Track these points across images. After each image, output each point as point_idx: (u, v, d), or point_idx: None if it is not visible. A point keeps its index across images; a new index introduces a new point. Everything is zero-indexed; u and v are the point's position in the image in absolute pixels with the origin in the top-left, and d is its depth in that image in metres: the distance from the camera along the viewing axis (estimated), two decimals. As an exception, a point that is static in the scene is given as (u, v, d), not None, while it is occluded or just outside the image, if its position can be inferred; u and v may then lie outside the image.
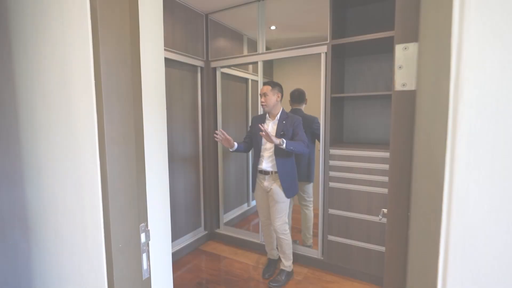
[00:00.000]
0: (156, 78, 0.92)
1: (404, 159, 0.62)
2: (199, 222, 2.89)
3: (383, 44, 2.15)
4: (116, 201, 0.76)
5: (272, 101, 2.10)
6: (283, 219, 2.16)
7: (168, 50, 2.32)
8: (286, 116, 2.14)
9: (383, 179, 2.01)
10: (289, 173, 2.14)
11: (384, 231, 2.01)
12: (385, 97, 2.38)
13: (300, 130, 2.08)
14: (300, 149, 1.99)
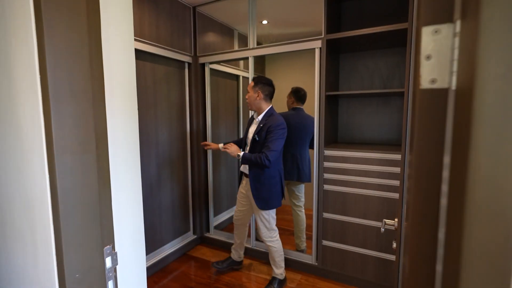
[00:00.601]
0: (124, 72, 0.78)
1: (433, 178, 0.51)
2: (187, 226, 2.75)
3: (380, 40, 2.04)
4: (70, 222, 0.62)
5: (251, 98, 1.97)
6: (267, 226, 2.02)
7: (152, 44, 2.17)
8: (268, 117, 1.94)
9: (380, 182, 1.92)
10: (261, 181, 1.93)
11: (381, 236, 1.95)
12: (381, 96, 2.28)
13: (271, 138, 1.84)
14: (255, 165, 1.86)
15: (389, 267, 1.95)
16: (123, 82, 0.76)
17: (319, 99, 2.10)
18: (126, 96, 0.77)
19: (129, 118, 0.78)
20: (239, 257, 2.36)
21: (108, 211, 0.70)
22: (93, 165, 0.66)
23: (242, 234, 2.28)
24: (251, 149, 1.96)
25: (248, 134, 2.07)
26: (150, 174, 2.27)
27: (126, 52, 0.76)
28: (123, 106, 0.76)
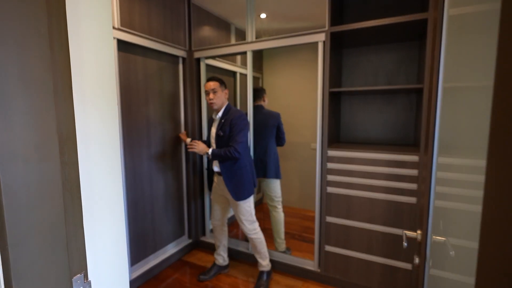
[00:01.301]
0: (100, 60, 0.64)
1: None
2: (182, 230, 2.62)
3: (386, 33, 1.92)
4: (24, 250, 0.48)
5: (221, 98, 1.97)
6: (249, 219, 2.05)
7: (143, 36, 2.01)
8: (227, 113, 1.98)
9: (387, 184, 1.80)
10: (232, 173, 1.96)
11: (388, 242, 1.83)
12: (386, 93, 2.16)
13: (235, 130, 1.89)
14: (225, 156, 1.88)
15: (396, 274, 1.84)
16: (98, 73, 0.62)
17: (322, 96, 1.97)
18: (103, 90, 0.63)
19: (107, 117, 0.64)
20: (224, 261, 2.29)
21: (77, 232, 0.57)
22: (56, 176, 0.52)
23: (223, 236, 2.26)
24: (217, 145, 1.99)
25: (211, 133, 2.08)
26: (142, 176, 2.13)
27: (102, 36, 0.62)
28: (99, 102, 0.63)
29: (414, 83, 2.09)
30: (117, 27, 1.82)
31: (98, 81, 0.62)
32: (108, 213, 0.66)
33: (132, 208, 2.05)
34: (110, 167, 0.66)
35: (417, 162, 1.71)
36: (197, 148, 1.93)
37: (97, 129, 0.63)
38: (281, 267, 2.29)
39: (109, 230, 0.66)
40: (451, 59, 0.73)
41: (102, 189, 0.64)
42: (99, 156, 0.63)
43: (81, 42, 0.58)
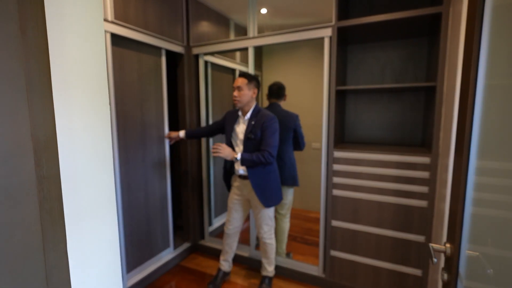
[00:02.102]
0: (87, 50, 0.53)
1: None
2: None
3: (395, 29, 1.83)
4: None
5: (247, 97, 1.83)
6: (269, 224, 1.98)
7: (138, 30, 1.90)
8: (256, 114, 1.85)
9: (397, 187, 1.72)
10: (262, 179, 1.86)
11: (397, 247, 1.75)
12: (393, 91, 2.08)
13: (268, 133, 1.79)
14: (258, 161, 1.77)
15: (405, 281, 1.76)
16: (86, 65, 0.52)
17: (328, 95, 1.88)
18: (92, 85, 0.53)
19: (97, 118, 0.54)
20: (229, 267, 2.18)
21: (60, 261, 0.46)
22: (30, 194, 0.41)
23: (235, 243, 2.14)
24: (245, 148, 1.85)
25: (235, 133, 1.94)
26: (137, 178, 2.02)
27: (91, 20, 0.51)
28: (87, 100, 0.52)
29: (423, 81, 2.01)
30: (110, 20, 1.70)
31: (86, 74, 0.52)
32: (100, 235, 0.56)
33: (127, 213, 1.94)
34: (102, 179, 0.55)
35: (428, 164, 1.63)
36: (223, 153, 1.75)
37: (85, 133, 0.52)
38: (284, 272, 2.20)
39: (101, 256, 0.56)
40: (495, 54, 0.64)
41: (92, 207, 0.54)
42: (88, 167, 0.53)
43: (64, 26, 0.47)
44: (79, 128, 0.51)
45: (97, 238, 0.56)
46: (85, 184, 0.52)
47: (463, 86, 0.75)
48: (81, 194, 0.52)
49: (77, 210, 0.51)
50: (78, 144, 0.51)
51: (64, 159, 0.48)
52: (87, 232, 0.53)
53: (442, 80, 1.55)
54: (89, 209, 0.54)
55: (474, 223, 0.72)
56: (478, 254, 0.72)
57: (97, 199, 0.55)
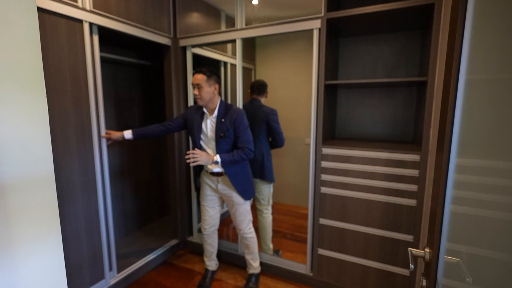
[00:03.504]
0: (14, 30, 0.47)
1: None
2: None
3: (387, 21, 1.77)
4: None
5: (208, 94, 1.76)
6: (248, 218, 1.96)
7: (120, 21, 1.82)
8: (225, 111, 1.79)
9: (386, 185, 1.67)
10: (239, 173, 1.85)
11: (385, 246, 1.70)
12: (385, 86, 2.02)
13: (242, 129, 1.77)
14: (240, 159, 1.75)
15: (393, 280, 1.73)
16: (12, 49, 0.45)
17: (317, 89, 1.82)
18: (23, 77, 0.47)
19: (31, 117, 0.48)
20: (216, 265, 2.17)
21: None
22: None
23: (215, 241, 2.12)
24: (219, 147, 1.79)
25: (203, 133, 1.85)
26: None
27: (19, 5, 0.45)
28: (18, 95, 0.46)
29: (415, 76, 1.95)
30: (89, 9, 1.63)
31: (16, 59, 0.45)
32: (37, 233, 0.50)
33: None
34: (37, 176, 0.49)
35: (418, 162, 1.58)
36: (202, 159, 1.67)
37: (13, 126, 0.46)
38: (271, 270, 2.16)
39: (38, 255, 0.51)
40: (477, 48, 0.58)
41: (25, 203, 0.48)
42: (19, 162, 0.47)
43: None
44: (4, 119, 0.45)
45: (35, 250, 0.50)
46: (15, 187, 0.47)
47: (445, 80, 0.70)
48: (10, 198, 0.46)
49: (4, 215, 0.45)
50: (3, 137, 0.45)
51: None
52: (20, 242, 0.48)
53: (434, 74, 1.50)
54: (21, 215, 0.48)
55: (455, 226, 0.68)
56: (458, 260, 0.67)
57: (34, 205, 0.49)
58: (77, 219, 1.66)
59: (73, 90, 1.59)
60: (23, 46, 0.47)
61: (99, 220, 1.79)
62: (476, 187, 0.58)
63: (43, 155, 0.51)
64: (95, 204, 1.76)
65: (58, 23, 1.50)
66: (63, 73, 1.53)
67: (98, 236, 1.80)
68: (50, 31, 1.46)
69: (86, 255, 1.73)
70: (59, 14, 1.49)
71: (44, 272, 0.52)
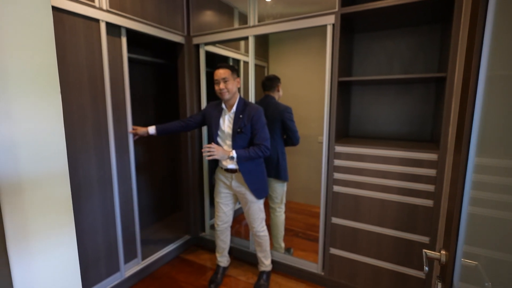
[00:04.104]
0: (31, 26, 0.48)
1: None
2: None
3: (404, 15, 1.71)
4: None
5: (234, 88, 1.77)
6: (261, 217, 1.95)
7: (136, 20, 1.85)
8: (243, 107, 1.79)
9: (401, 185, 1.62)
10: (253, 171, 1.84)
11: (400, 247, 1.66)
12: (401, 82, 1.96)
13: (260, 126, 1.76)
14: (256, 156, 1.74)
15: (408, 283, 1.68)
16: (30, 46, 0.47)
17: (330, 86, 1.79)
18: (38, 71, 0.48)
19: (46, 110, 0.50)
20: (228, 262, 2.18)
21: None
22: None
23: (228, 237, 2.13)
24: (235, 143, 1.79)
25: (221, 129, 1.85)
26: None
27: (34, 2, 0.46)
28: (33, 90, 0.47)
29: (434, 72, 1.88)
30: (105, 9, 1.67)
31: (30, 56, 0.47)
32: (51, 228, 0.52)
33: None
34: (52, 172, 0.51)
35: (435, 161, 1.53)
36: (217, 154, 1.68)
37: (28, 124, 0.48)
38: (283, 268, 2.16)
39: (52, 250, 0.52)
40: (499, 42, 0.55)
41: (40, 199, 0.50)
42: (34, 159, 0.48)
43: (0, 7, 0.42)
44: (19, 116, 0.46)
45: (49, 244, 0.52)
46: (30, 183, 0.48)
47: (465, 76, 0.66)
48: (26, 193, 0.48)
49: (20, 210, 0.47)
50: (19, 134, 0.46)
51: (0, 151, 0.44)
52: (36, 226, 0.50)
53: (454, 70, 1.43)
54: (37, 210, 0.50)
55: (473, 228, 0.65)
56: (476, 264, 0.64)
57: (48, 200, 0.51)
58: (94, 213, 1.72)
59: (91, 88, 1.64)
60: (37, 44, 0.48)
61: (114, 214, 1.84)
62: (496, 188, 0.55)
63: (58, 151, 0.53)
64: (111, 199, 1.81)
65: (76, 23, 1.54)
66: (81, 71, 1.58)
67: (114, 230, 1.85)
68: (68, 31, 1.51)
69: (102, 248, 1.79)
70: (77, 14, 1.54)
71: (59, 265, 0.54)
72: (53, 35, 0.51)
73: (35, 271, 0.50)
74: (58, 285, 0.54)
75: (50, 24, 0.51)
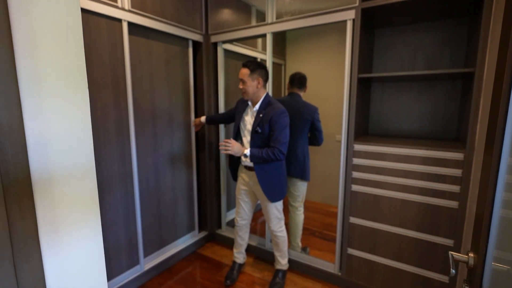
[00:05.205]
0: (59, 33, 0.50)
1: None
2: (197, 222, 2.55)
3: (427, 9, 1.64)
4: None
5: (252, 88, 1.75)
6: (278, 217, 1.93)
7: (156, 19, 1.89)
8: (266, 106, 1.76)
9: (424, 185, 1.57)
10: (268, 174, 1.80)
11: (421, 249, 1.59)
12: (425, 79, 1.88)
13: (278, 129, 1.70)
14: (268, 158, 1.70)
15: (429, 286, 1.63)
16: (58, 47, 0.49)
17: (349, 83, 1.75)
18: (68, 68, 0.50)
19: (73, 104, 0.51)
20: (244, 258, 2.19)
21: (30, 250, 0.45)
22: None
23: (247, 234, 2.14)
24: (252, 141, 1.78)
25: (244, 123, 1.87)
26: (155, 166, 2.06)
27: None
28: (61, 84, 0.49)
29: (460, 67, 1.80)
30: (127, 9, 1.71)
31: (61, 56, 0.49)
32: (78, 220, 0.54)
33: (145, 199, 2.00)
34: (82, 172, 0.53)
35: (461, 161, 1.46)
36: (232, 149, 1.70)
37: (58, 121, 0.50)
38: (299, 267, 2.15)
39: (80, 241, 0.55)
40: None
41: (69, 192, 0.52)
42: (64, 154, 0.50)
43: (31, 2, 0.44)
44: (50, 114, 0.48)
45: (75, 223, 0.54)
46: (60, 177, 0.50)
47: (498, 71, 0.63)
48: (56, 187, 0.50)
49: (50, 197, 0.49)
50: (50, 130, 0.48)
51: (33, 146, 0.46)
52: (63, 218, 0.52)
53: (483, 65, 1.36)
54: (65, 203, 0.52)
55: (505, 232, 0.61)
56: (508, 268, 0.61)
57: (74, 188, 0.53)
58: (115, 207, 1.78)
59: (113, 86, 1.70)
60: (68, 45, 0.50)
61: (135, 209, 1.90)
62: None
63: (85, 147, 0.55)
64: (132, 194, 1.87)
65: (100, 23, 1.60)
66: (104, 70, 1.64)
67: (134, 224, 1.91)
68: (93, 31, 1.56)
69: (123, 241, 1.85)
70: (101, 15, 1.59)
71: (85, 256, 0.56)
72: (81, 36, 0.53)
73: (64, 261, 0.52)
74: (85, 274, 0.56)
75: (79, 25, 0.53)
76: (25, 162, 0.44)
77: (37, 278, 0.47)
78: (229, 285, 2.00)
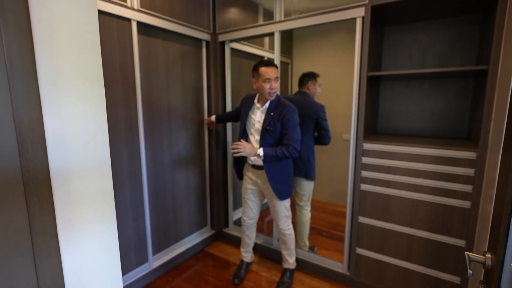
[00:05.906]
0: (77, 33, 0.51)
1: None
2: (205, 221, 2.56)
3: (438, 5, 1.61)
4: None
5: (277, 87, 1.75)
6: (286, 215, 1.93)
7: (164, 18, 1.90)
8: (276, 105, 1.75)
9: (435, 184, 1.54)
10: (278, 172, 1.80)
11: (432, 250, 1.57)
12: (435, 77, 1.86)
13: (291, 127, 1.70)
14: (283, 156, 1.69)
15: (440, 287, 1.60)
16: (78, 44, 0.49)
17: (359, 81, 1.73)
18: (86, 68, 0.51)
19: (90, 102, 0.52)
20: (251, 257, 2.18)
21: (49, 244, 0.45)
22: (14, 176, 0.40)
23: (253, 233, 2.14)
24: (262, 141, 1.77)
25: (250, 122, 1.85)
26: (163, 164, 2.07)
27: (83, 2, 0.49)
28: (78, 83, 0.50)
29: (472, 65, 1.76)
30: (136, 9, 1.73)
31: (78, 55, 0.49)
32: (95, 217, 0.55)
33: (153, 197, 2.01)
34: (96, 164, 0.54)
35: (474, 160, 1.44)
36: (244, 151, 1.67)
37: (76, 118, 0.50)
38: (307, 266, 2.14)
39: (96, 237, 0.55)
40: None
41: (85, 189, 0.53)
42: (81, 152, 0.51)
43: (50, 3, 0.45)
44: (69, 112, 0.49)
45: (91, 219, 0.55)
46: (78, 174, 0.51)
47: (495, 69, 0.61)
48: (73, 179, 0.50)
49: (67, 194, 0.50)
50: (68, 128, 0.49)
51: (52, 144, 0.46)
52: (80, 214, 0.53)
53: (497, 62, 1.33)
54: (82, 200, 0.52)
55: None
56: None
57: (91, 184, 0.54)
58: (124, 205, 1.80)
59: (123, 85, 1.71)
60: (85, 45, 0.51)
61: (143, 207, 1.92)
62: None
63: (102, 145, 0.55)
64: (140, 192, 1.89)
65: (111, 23, 1.61)
66: (114, 69, 1.65)
67: (143, 222, 1.93)
68: (104, 31, 1.57)
69: (132, 239, 1.87)
70: (111, 14, 1.60)
71: (101, 251, 0.57)
72: (98, 36, 0.53)
73: (81, 258, 0.52)
74: (101, 269, 0.56)
75: (96, 26, 0.53)
76: (44, 159, 0.45)
77: (56, 275, 0.48)
78: (237, 284, 2.00)
